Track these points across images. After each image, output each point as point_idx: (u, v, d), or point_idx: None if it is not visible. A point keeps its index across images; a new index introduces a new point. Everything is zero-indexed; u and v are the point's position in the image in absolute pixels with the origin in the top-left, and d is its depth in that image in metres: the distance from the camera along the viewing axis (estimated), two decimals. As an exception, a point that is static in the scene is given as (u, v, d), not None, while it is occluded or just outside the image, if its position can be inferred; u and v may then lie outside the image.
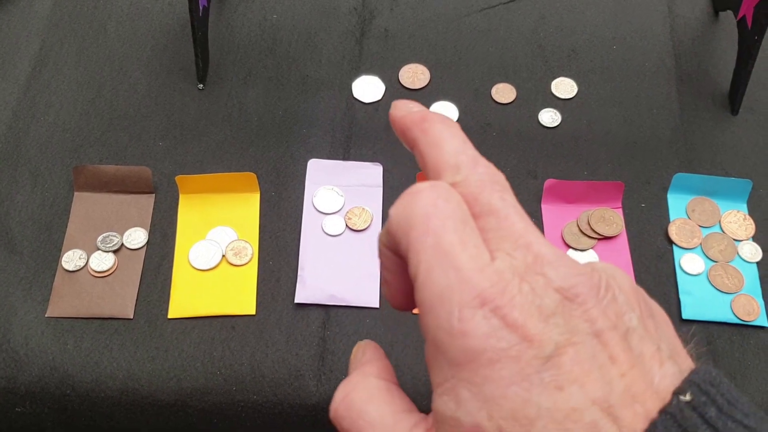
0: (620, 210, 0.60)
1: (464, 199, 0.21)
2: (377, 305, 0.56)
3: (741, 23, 0.64)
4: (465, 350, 0.19)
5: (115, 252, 0.57)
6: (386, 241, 0.23)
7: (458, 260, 0.20)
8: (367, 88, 0.66)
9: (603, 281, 0.20)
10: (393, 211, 0.22)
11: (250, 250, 0.57)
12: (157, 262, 0.57)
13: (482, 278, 0.19)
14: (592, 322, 0.19)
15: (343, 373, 0.53)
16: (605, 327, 0.19)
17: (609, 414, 0.18)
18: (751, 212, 0.61)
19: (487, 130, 0.64)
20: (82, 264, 0.56)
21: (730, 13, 0.68)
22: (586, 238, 0.59)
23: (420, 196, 0.21)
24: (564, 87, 0.66)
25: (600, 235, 0.59)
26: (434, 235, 0.20)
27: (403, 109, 0.25)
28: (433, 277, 0.20)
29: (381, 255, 0.24)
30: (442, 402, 0.20)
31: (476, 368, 0.19)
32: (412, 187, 0.22)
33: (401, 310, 0.25)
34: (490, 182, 0.22)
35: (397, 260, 0.23)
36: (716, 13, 0.72)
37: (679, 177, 0.61)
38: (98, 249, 0.57)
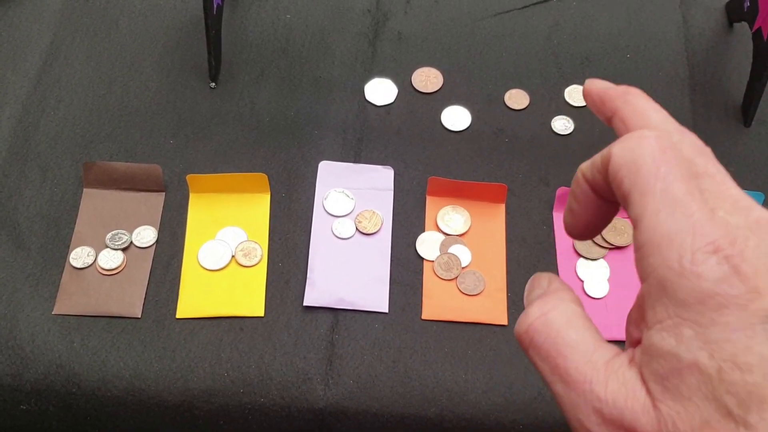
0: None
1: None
2: (386, 310, 0.56)
3: (756, 35, 0.64)
4: (695, 291, 0.19)
5: (123, 250, 0.56)
6: (591, 176, 0.23)
7: (689, 207, 0.20)
8: (380, 91, 0.65)
9: None
10: (617, 149, 0.22)
11: (259, 251, 0.57)
12: (166, 261, 0.57)
13: (714, 227, 0.20)
14: None
15: (351, 377, 0.53)
16: None
17: None
18: (763, 225, 0.61)
19: (499, 136, 0.64)
20: (91, 261, 0.56)
21: (745, 24, 0.68)
22: (597, 248, 0.59)
23: (649, 141, 0.22)
24: (577, 94, 0.66)
25: (611, 244, 0.59)
26: (664, 181, 0.21)
27: (602, 84, 0.27)
28: (662, 219, 0.20)
29: (577, 186, 0.24)
30: (660, 337, 0.20)
31: (704, 310, 0.19)
32: (637, 131, 0.22)
33: (577, 239, 0.26)
34: (702, 148, 0.23)
35: (592, 195, 0.24)
36: (731, 24, 0.71)
37: (691, 188, 0.61)
38: (107, 246, 0.56)
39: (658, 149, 0.21)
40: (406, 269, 0.57)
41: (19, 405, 0.52)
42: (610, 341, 0.22)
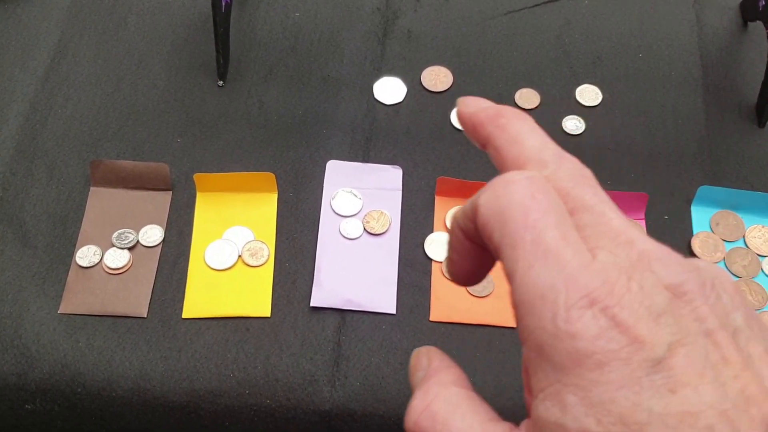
0: (643, 221, 0.59)
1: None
2: (394, 311, 0.55)
3: (771, 35, 0.63)
4: (572, 353, 0.18)
5: (130, 249, 0.56)
6: (464, 226, 0.22)
7: (562, 257, 0.19)
8: (389, 90, 0.65)
9: (708, 278, 0.19)
10: (483, 200, 0.20)
11: (266, 251, 0.56)
12: (173, 260, 0.56)
13: (589, 276, 0.18)
14: (702, 320, 0.18)
15: (358, 379, 0.52)
16: (715, 326, 0.18)
17: (725, 418, 0.17)
18: (777, 228, 0.60)
19: (509, 136, 0.63)
20: (97, 260, 0.55)
21: (759, 24, 0.67)
22: (608, 250, 0.58)
23: (515, 187, 0.20)
24: (588, 94, 0.65)
25: (622, 246, 0.58)
26: (533, 230, 0.19)
27: (473, 106, 0.24)
28: (535, 275, 0.19)
29: (453, 236, 0.23)
30: (544, 408, 0.18)
31: (583, 372, 0.18)
32: (504, 175, 0.21)
33: (462, 286, 0.25)
34: (579, 177, 0.21)
35: (470, 245, 0.22)
36: (745, 23, 0.70)
37: (703, 189, 0.60)
38: (113, 245, 0.56)
39: (527, 195, 0.20)
40: (415, 270, 0.57)
41: (24, 404, 0.52)
42: None
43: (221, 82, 0.64)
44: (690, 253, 0.58)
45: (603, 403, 0.17)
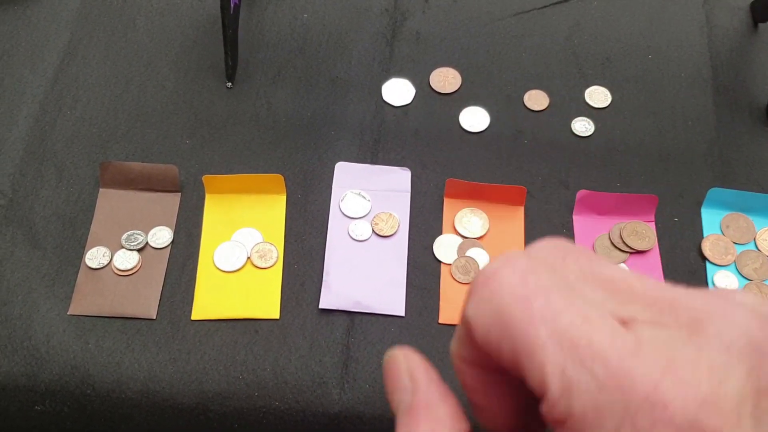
0: (653, 224, 0.59)
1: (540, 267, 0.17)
2: (403, 313, 0.55)
3: (782, 36, 0.63)
4: None
5: (139, 251, 0.56)
6: (468, 355, 0.18)
7: (596, 346, 0.14)
8: (397, 91, 0.65)
9: None
10: (471, 311, 0.17)
11: (275, 252, 0.56)
12: (182, 262, 0.56)
13: (645, 368, 0.14)
14: None
15: (367, 381, 0.52)
16: None
17: None
18: (788, 230, 0.59)
19: (518, 138, 0.63)
20: (106, 262, 0.55)
21: (770, 24, 0.67)
22: (618, 252, 0.58)
23: (500, 280, 0.16)
24: (598, 96, 0.65)
25: (632, 248, 0.57)
26: (544, 321, 0.15)
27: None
28: (574, 381, 0.14)
29: (461, 375, 0.18)
30: None
31: None
32: (481, 271, 0.17)
33: None
34: (561, 247, 0.17)
35: (486, 377, 0.18)
36: (756, 24, 0.70)
37: (714, 192, 0.59)
38: (122, 247, 0.56)
39: (516, 283, 0.16)
40: (423, 272, 0.57)
41: (34, 406, 0.52)
42: None
43: (230, 84, 0.64)
44: (701, 255, 0.58)
45: None
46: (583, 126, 0.63)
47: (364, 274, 0.56)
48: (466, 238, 0.58)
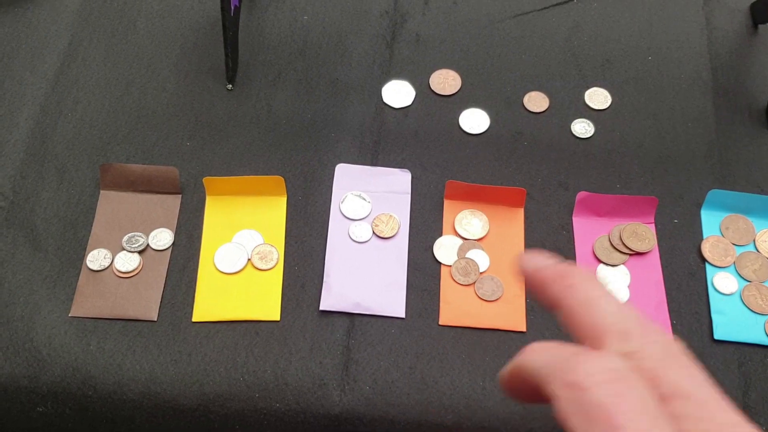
0: (653, 225, 0.59)
1: (643, 377, 0.18)
2: (403, 315, 0.55)
3: (782, 37, 0.63)
4: None
5: (140, 252, 0.56)
6: (533, 382, 0.20)
7: None
8: (397, 93, 0.65)
9: None
10: (563, 393, 0.18)
11: (275, 254, 0.57)
12: (182, 264, 0.56)
13: None
14: None
15: (367, 383, 0.52)
16: None
17: None
18: (787, 231, 0.59)
19: (518, 139, 0.63)
20: (107, 264, 0.56)
21: (769, 26, 0.67)
22: (618, 254, 0.58)
23: (598, 385, 0.18)
24: (597, 97, 0.65)
25: (632, 250, 0.58)
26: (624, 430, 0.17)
27: (535, 263, 0.22)
28: None
29: (509, 383, 0.21)
30: None
31: None
32: (584, 366, 0.18)
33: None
34: (671, 355, 0.19)
35: (531, 393, 0.20)
36: (755, 26, 0.70)
37: (713, 193, 0.60)
38: (123, 249, 0.56)
39: (611, 394, 0.18)
40: (423, 274, 0.57)
41: (36, 407, 0.52)
42: None
43: (230, 86, 0.64)
44: (700, 257, 0.58)
45: None
46: (582, 127, 0.64)
47: (365, 275, 0.56)
48: (466, 239, 0.58)
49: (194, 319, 0.54)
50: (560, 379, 0.19)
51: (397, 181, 0.60)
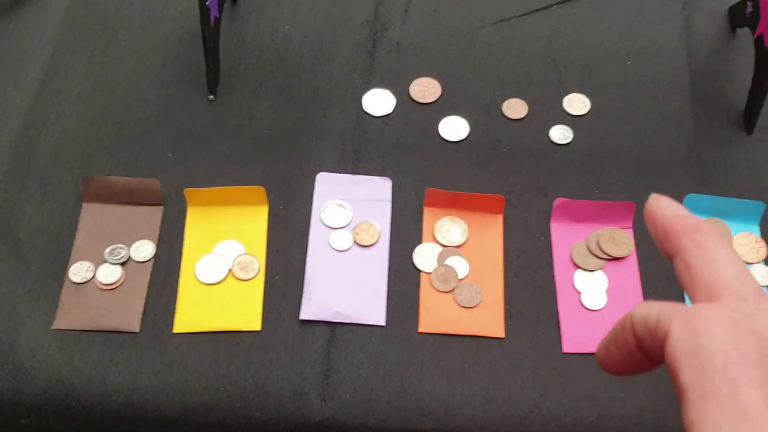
0: (631, 230, 0.60)
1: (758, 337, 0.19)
2: (383, 323, 0.56)
3: (758, 41, 0.63)
4: None
5: (122, 264, 0.57)
6: (641, 334, 0.20)
7: (762, 427, 0.16)
8: (378, 102, 0.65)
9: None
10: (678, 333, 0.18)
11: (256, 264, 0.57)
12: (164, 275, 0.57)
13: None
14: None
15: (348, 391, 0.53)
16: None
17: None
18: (764, 235, 0.60)
19: (497, 146, 0.63)
20: (90, 276, 0.56)
21: (747, 30, 0.67)
22: (596, 259, 0.58)
23: (719, 329, 0.18)
24: (576, 103, 0.66)
25: (610, 255, 0.58)
26: (732, 384, 0.17)
27: (669, 209, 0.23)
28: None
29: (623, 334, 0.21)
30: None
31: None
32: (705, 310, 0.19)
33: (609, 373, 0.22)
34: None
35: (636, 351, 0.21)
36: (733, 29, 0.71)
37: (690, 198, 0.60)
38: (106, 261, 0.57)
39: (729, 341, 0.18)
40: (403, 281, 0.57)
41: (20, 419, 0.53)
42: None
43: (212, 96, 0.65)
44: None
45: None
46: (561, 134, 0.64)
47: (345, 284, 0.57)
48: (446, 246, 0.59)
49: (175, 330, 0.55)
50: (679, 320, 0.19)
51: (378, 189, 0.61)
